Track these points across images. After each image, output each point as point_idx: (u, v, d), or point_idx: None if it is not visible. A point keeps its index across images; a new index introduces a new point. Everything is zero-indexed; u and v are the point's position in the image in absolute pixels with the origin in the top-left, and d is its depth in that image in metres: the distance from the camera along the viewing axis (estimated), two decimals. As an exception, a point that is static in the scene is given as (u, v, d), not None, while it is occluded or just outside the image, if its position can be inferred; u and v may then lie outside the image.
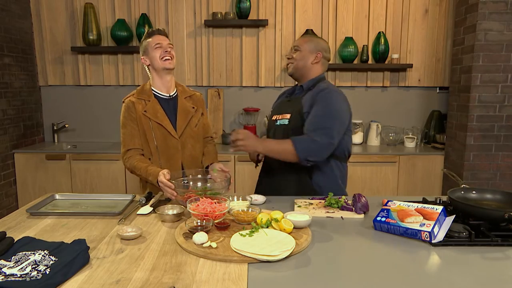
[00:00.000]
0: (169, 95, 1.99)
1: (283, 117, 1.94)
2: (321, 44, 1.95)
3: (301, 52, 1.93)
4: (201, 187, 1.75)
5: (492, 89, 3.01)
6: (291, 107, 1.94)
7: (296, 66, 1.94)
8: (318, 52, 1.93)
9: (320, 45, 1.94)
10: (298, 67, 1.94)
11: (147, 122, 1.92)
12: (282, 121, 1.94)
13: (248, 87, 3.74)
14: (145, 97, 1.95)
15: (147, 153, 1.95)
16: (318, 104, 1.81)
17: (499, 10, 2.92)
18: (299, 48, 1.93)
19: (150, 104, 1.94)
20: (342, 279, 1.08)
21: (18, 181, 3.40)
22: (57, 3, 3.62)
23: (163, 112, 1.95)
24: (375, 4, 3.56)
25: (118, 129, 3.72)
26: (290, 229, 1.35)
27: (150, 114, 1.92)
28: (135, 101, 1.94)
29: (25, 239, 1.30)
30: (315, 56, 1.93)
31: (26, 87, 3.58)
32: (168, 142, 1.94)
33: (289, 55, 1.97)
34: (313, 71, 1.95)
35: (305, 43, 1.93)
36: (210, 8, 3.59)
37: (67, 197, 1.88)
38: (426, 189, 3.35)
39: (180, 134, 1.96)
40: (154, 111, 1.93)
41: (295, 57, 1.94)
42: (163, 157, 1.94)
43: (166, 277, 1.09)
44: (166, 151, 1.95)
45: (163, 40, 1.92)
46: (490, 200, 1.58)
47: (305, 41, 1.94)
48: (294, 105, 1.93)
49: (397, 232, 1.39)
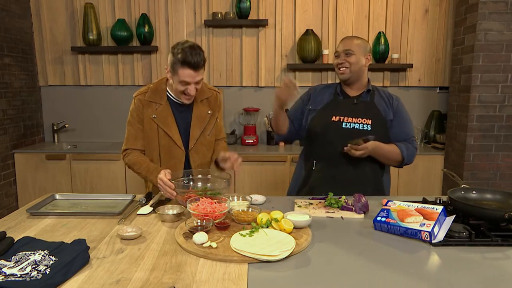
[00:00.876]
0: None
1: (361, 122, 1.92)
2: (367, 44, 1.96)
3: (355, 55, 1.90)
4: (201, 187, 1.75)
5: (492, 89, 3.01)
6: (367, 113, 1.93)
7: (353, 70, 1.91)
8: (367, 54, 1.94)
9: (368, 46, 1.95)
10: (355, 71, 1.92)
11: (154, 127, 1.85)
12: (360, 126, 1.92)
13: (248, 87, 3.74)
14: (157, 99, 1.85)
15: (148, 157, 1.91)
16: (402, 114, 1.98)
17: (499, 10, 2.92)
18: (353, 51, 1.89)
19: (161, 109, 1.84)
20: (342, 279, 1.08)
21: (18, 181, 3.40)
22: (57, 3, 3.62)
23: (173, 120, 1.86)
24: (375, 4, 3.56)
25: (118, 129, 3.78)
26: (290, 229, 1.35)
27: (158, 121, 1.84)
28: (146, 103, 1.85)
29: (25, 239, 1.30)
30: (366, 58, 1.93)
31: (26, 87, 3.58)
32: (173, 152, 1.89)
33: (342, 60, 1.92)
34: (365, 73, 1.98)
35: (357, 46, 1.90)
36: (210, 8, 3.59)
37: (67, 197, 1.88)
38: (426, 189, 3.34)
39: (193, 144, 1.90)
40: (164, 118, 1.85)
41: (351, 61, 1.90)
42: (164, 167, 1.82)
43: (166, 277, 1.09)
44: (168, 161, 1.89)
45: (193, 78, 1.71)
46: (490, 200, 1.58)
47: (356, 43, 1.91)
48: (371, 110, 1.94)
49: (397, 232, 1.39)
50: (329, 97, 2.03)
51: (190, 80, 1.72)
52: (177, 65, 1.70)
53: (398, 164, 1.97)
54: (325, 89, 2.08)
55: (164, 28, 3.63)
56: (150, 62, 3.68)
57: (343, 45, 1.93)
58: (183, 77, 1.71)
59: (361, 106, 1.96)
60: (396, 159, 1.93)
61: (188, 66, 1.68)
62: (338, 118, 1.95)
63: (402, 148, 1.92)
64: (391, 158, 1.93)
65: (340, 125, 1.93)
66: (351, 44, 1.91)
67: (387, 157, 1.92)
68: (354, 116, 1.94)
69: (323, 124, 1.96)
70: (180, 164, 1.90)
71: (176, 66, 1.70)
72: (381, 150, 1.88)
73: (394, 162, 1.95)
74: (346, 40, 1.95)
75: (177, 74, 1.72)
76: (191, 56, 1.67)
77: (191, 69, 1.69)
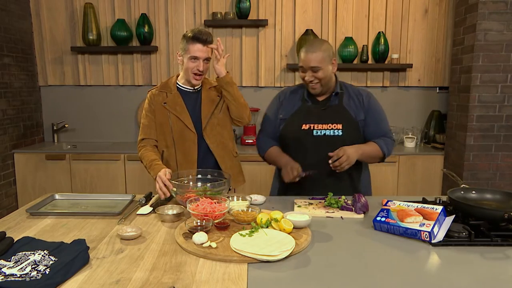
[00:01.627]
0: (194, 88, 2.01)
1: (331, 128, 1.89)
2: (330, 48, 1.87)
3: (322, 69, 1.83)
4: (201, 187, 1.75)
5: (492, 89, 3.01)
6: (336, 117, 1.89)
7: (324, 83, 1.87)
8: (333, 58, 1.88)
9: (331, 50, 1.87)
10: (325, 83, 1.88)
11: (166, 114, 1.96)
12: (331, 132, 1.88)
13: (248, 87, 3.73)
14: (168, 90, 1.99)
15: (162, 145, 1.99)
16: (375, 111, 1.96)
17: (499, 10, 2.92)
18: (320, 66, 1.82)
19: (171, 97, 1.97)
20: (341, 279, 1.08)
21: (18, 181, 3.40)
22: (57, 3, 3.62)
23: (184, 105, 1.97)
24: (375, 4, 3.56)
25: (118, 129, 3.79)
26: (289, 229, 1.35)
27: (169, 106, 1.96)
28: (156, 93, 1.99)
29: (25, 239, 1.30)
30: (332, 64, 1.88)
31: (26, 87, 3.58)
32: (185, 135, 1.96)
33: (310, 77, 1.84)
34: (333, 77, 1.94)
35: (322, 60, 1.82)
36: (210, 8, 3.59)
37: (67, 197, 1.88)
38: (426, 189, 3.34)
39: (206, 123, 1.97)
40: (174, 104, 1.96)
41: (320, 77, 1.84)
42: (179, 150, 1.98)
43: (166, 277, 1.09)
44: (182, 144, 1.98)
45: (203, 54, 1.86)
46: (490, 200, 1.58)
47: (321, 57, 1.81)
48: (340, 114, 1.90)
49: (397, 232, 1.39)
50: (298, 103, 1.97)
51: (199, 55, 1.85)
52: (188, 42, 1.86)
53: (379, 160, 1.97)
54: (293, 94, 2.02)
55: (164, 28, 3.63)
56: (150, 62, 3.68)
57: (308, 61, 1.82)
58: (193, 52, 1.85)
59: (330, 111, 1.91)
60: (377, 156, 1.93)
61: (197, 41, 1.84)
62: (309, 126, 1.91)
63: (381, 144, 1.91)
64: (374, 157, 1.93)
65: (311, 133, 1.90)
66: (316, 59, 1.81)
67: (370, 157, 1.92)
68: (324, 122, 1.89)
69: (294, 133, 1.93)
70: (194, 147, 1.98)
71: (187, 45, 1.87)
72: (365, 152, 1.86)
73: (376, 159, 1.95)
74: (310, 54, 1.82)
75: (188, 51, 1.87)
76: (200, 34, 1.85)
77: (200, 43, 1.85)
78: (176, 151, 1.99)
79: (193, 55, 1.86)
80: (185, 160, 1.97)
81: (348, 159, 1.75)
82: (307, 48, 1.84)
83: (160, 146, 2.00)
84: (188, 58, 1.87)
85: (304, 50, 1.85)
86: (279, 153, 1.96)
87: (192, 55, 1.86)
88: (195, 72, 1.89)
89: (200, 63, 1.87)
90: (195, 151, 1.98)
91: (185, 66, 1.91)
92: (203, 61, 1.88)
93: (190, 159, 1.97)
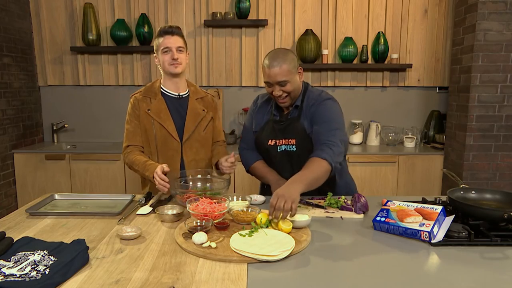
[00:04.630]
0: (179, 94, 1.97)
1: (287, 143, 1.82)
2: (294, 58, 1.74)
3: (290, 82, 1.71)
4: (201, 187, 1.75)
5: (491, 89, 3.01)
6: (291, 132, 1.80)
7: (293, 96, 1.77)
8: (298, 68, 1.76)
9: (295, 60, 1.74)
10: (295, 96, 1.78)
11: (150, 121, 1.91)
12: (288, 147, 1.82)
13: (248, 87, 3.74)
14: (152, 95, 1.95)
15: (147, 152, 1.95)
16: (318, 117, 1.75)
17: (498, 10, 2.92)
18: (287, 80, 1.70)
19: (156, 103, 1.93)
20: (341, 279, 1.08)
21: (18, 181, 3.40)
22: (57, 3, 3.62)
23: (168, 113, 1.93)
24: (374, 4, 3.56)
25: (118, 129, 3.78)
26: (289, 229, 1.35)
27: (153, 113, 1.91)
28: (140, 98, 1.95)
29: (24, 239, 1.30)
30: (298, 73, 1.77)
31: (26, 87, 3.58)
32: (169, 144, 1.93)
33: (278, 92, 1.72)
34: (300, 85, 1.82)
35: (287, 72, 1.69)
36: (210, 8, 3.59)
37: (67, 197, 1.88)
38: (426, 189, 3.35)
39: (187, 137, 1.94)
40: (158, 111, 1.92)
41: (288, 90, 1.72)
42: (162, 158, 1.93)
43: (165, 277, 1.09)
44: (165, 153, 1.94)
45: (173, 43, 1.86)
46: (489, 200, 1.58)
47: (286, 70, 1.68)
48: (295, 129, 1.79)
49: (397, 232, 1.39)
50: (266, 116, 1.90)
51: (170, 45, 1.87)
52: (157, 39, 1.90)
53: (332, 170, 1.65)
54: (264, 105, 1.93)
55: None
56: (150, 62, 3.68)
57: (274, 76, 1.68)
58: (163, 44, 1.87)
59: (287, 126, 1.81)
60: (325, 172, 1.62)
61: (164, 33, 1.88)
62: (274, 142, 1.85)
63: (321, 156, 1.62)
64: (321, 177, 1.61)
65: (276, 148, 1.84)
66: (282, 73, 1.68)
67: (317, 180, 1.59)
68: (284, 137, 1.82)
69: (263, 148, 1.89)
70: (177, 156, 1.95)
71: (157, 41, 1.90)
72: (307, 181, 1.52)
73: (327, 174, 1.63)
74: (275, 69, 1.68)
75: (159, 47, 1.89)
76: (165, 27, 1.90)
77: (168, 34, 1.87)
78: (159, 159, 1.93)
79: (164, 47, 1.86)
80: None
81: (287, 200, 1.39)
82: (270, 63, 1.69)
83: (145, 152, 1.95)
84: (161, 52, 1.87)
85: (267, 64, 1.70)
86: (265, 169, 1.89)
87: (162, 47, 1.87)
88: (171, 63, 1.87)
89: (173, 52, 1.86)
90: (179, 160, 1.94)
91: (161, 62, 1.90)
92: (176, 50, 1.87)
93: (173, 168, 1.89)
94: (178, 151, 1.94)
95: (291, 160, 1.83)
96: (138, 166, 1.83)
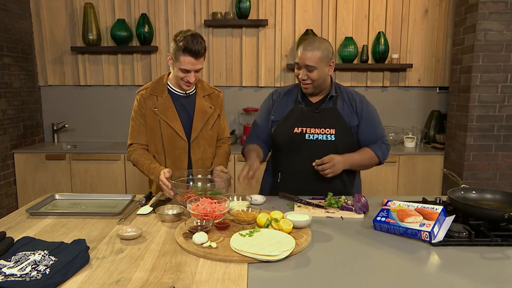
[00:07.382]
0: (186, 92, 1.92)
1: (324, 132, 1.83)
2: (330, 48, 1.80)
3: (317, 70, 1.76)
4: (201, 187, 1.75)
5: (492, 89, 3.01)
6: (330, 122, 1.83)
7: (316, 85, 1.81)
8: (331, 60, 1.80)
9: (330, 51, 1.79)
10: (318, 85, 1.81)
11: (156, 119, 1.88)
12: (324, 137, 1.83)
13: (248, 87, 3.74)
14: (158, 93, 1.89)
15: (152, 150, 1.94)
16: (368, 117, 1.89)
17: (499, 10, 2.92)
18: (315, 66, 1.75)
19: (162, 101, 1.88)
20: (342, 279, 1.08)
21: (18, 181, 3.40)
22: (57, 3, 3.62)
23: (175, 111, 1.89)
24: (375, 4, 3.56)
25: (118, 129, 3.78)
26: (289, 229, 1.35)
27: (160, 112, 1.87)
28: (147, 96, 1.89)
29: (25, 239, 1.30)
30: (329, 66, 1.81)
31: (26, 87, 3.58)
32: (176, 143, 1.90)
33: (304, 76, 1.78)
34: (328, 78, 1.87)
35: (319, 60, 1.74)
36: (210, 8, 3.59)
37: (67, 197, 1.88)
38: (426, 189, 3.34)
39: (194, 136, 1.91)
40: (165, 109, 1.88)
41: (313, 78, 1.77)
42: (169, 158, 1.92)
43: (166, 277, 1.09)
44: (172, 152, 1.92)
45: (193, 66, 1.75)
46: (490, 200, 1.58)
47: (319, 57, 1.74)
48: (334, 119, 1.84)
49: (397, 232, 1.39)
50: (291, 105, 1.91)
51: (190, 68, 1.76)
52: (178, 52, 1.74)
53: (375, 165, 1.95)
54: (287, 95, 1.95)
55: (164, 28, 3.63)
56: (150, 62, 3.68)
57: (304, 58, 1.75)
58: (184, 64, 1.75)
59: (324, 114, 1.85)
60: (372, 163, 1.91)
61: (189, 54, 1.72)
62: (301, 130, 1.84)
63: (376, 150, 1.89)
64: (368, 164, 1.91)
65: (303, 137, 1.84)
66: (312, 59, 1.74)
67: (364, 165, 1.90)
68: (317, 126, 1.83)
69: (286, 136, 1.87)
70: (184, 155, 1.92)
71: (177, 54, 1.75)
72: (355, 162, 1.83)
73: (371, 166, 1.94)
74: (307, 53, 1.75)
75: (178, 61, 1.76)
76: (192, 44, 1.71)
77: (192, 56, 1.73)
78: (166, 159, 1.92)
79: (183, 68, 1.76)
80: (175, 168, 1.88)
81: (332, 167, 1.73)
82: (305, 46, 1.76)
83: (150, 151, 1.93)
84: (179, 68, 1.77)
85: (302, 47, 1.77)
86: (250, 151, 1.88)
87: (182, 67, 1.76)
88: (185, 84, 1.83)
89: (191, 75, 1.78)
90: (186, 159, 1.92)
91: (175, 73, 1.82)
92: (194, 72, 1.79)
93: (180, 167, 1.90)
94: (185, 150, 1.92)
95: (325, 149, 1.80)
96: (143, 168, 1.84)
